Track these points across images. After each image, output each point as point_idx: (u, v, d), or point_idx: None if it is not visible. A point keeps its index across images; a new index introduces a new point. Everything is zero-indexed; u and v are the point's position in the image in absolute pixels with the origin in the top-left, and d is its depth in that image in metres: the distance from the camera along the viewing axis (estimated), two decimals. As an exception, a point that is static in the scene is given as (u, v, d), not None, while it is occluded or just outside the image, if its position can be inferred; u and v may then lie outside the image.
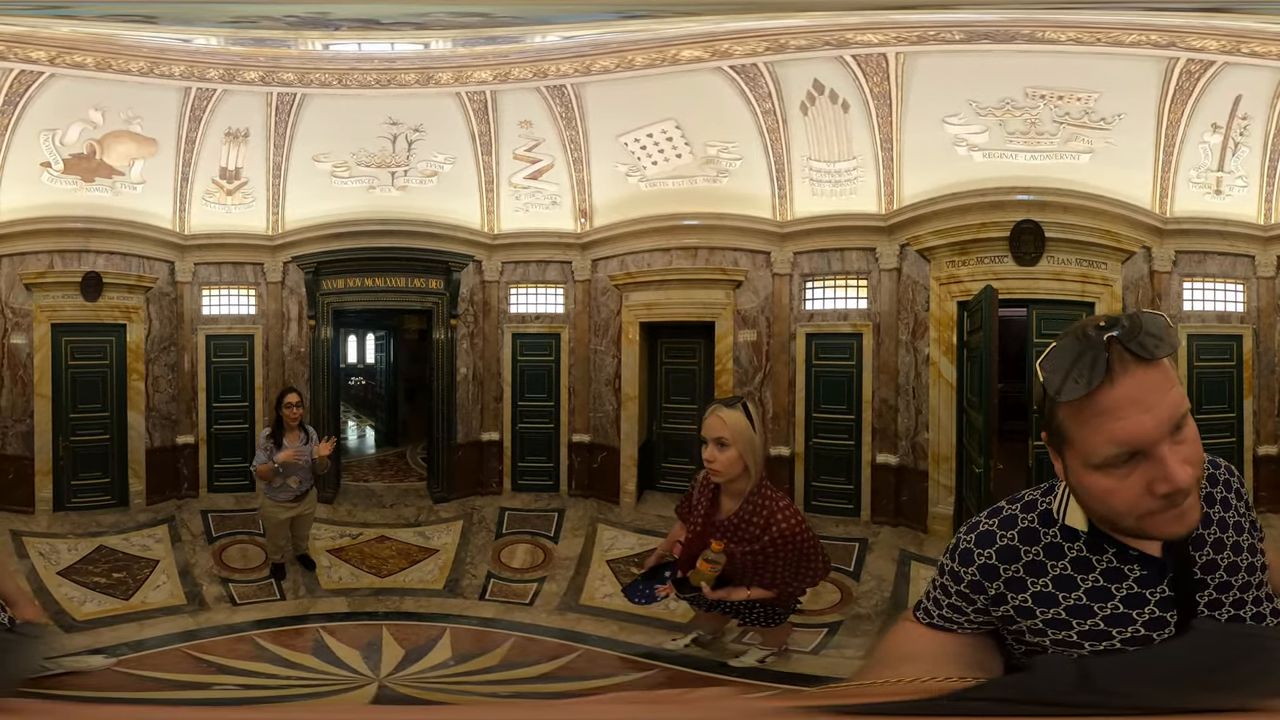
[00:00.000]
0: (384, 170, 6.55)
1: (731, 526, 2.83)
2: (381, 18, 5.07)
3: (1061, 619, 1.06)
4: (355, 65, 5.95)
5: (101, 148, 6.03)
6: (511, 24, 5.25)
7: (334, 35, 5.49)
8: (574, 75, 5.89)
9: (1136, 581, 1.05)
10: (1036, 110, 5.42)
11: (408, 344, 9.60)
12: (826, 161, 5.89)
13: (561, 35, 5.54)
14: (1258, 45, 5.04)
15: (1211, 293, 5.77)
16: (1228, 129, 5.44)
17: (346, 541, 5.71)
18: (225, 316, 6.67)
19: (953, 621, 1.16)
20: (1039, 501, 1.11)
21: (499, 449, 6.66)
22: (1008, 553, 1.09)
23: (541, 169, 6.48)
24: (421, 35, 5.55)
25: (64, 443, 6.05)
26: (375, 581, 5.19)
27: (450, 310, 6.62)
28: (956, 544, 1.15)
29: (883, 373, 5.81)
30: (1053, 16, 4.98)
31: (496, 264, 6.71)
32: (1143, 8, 4.91)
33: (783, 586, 2.88)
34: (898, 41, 5.33)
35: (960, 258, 5.52)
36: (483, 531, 5.93)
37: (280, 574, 5.08)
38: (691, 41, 5.52)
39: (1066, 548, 1.07)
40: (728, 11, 5.34)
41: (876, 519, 5.77)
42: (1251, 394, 5.67)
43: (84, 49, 5.55)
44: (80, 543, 5.52)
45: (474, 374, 6.70)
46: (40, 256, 6.06)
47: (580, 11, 5.05)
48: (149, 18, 5.05)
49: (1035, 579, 1.07)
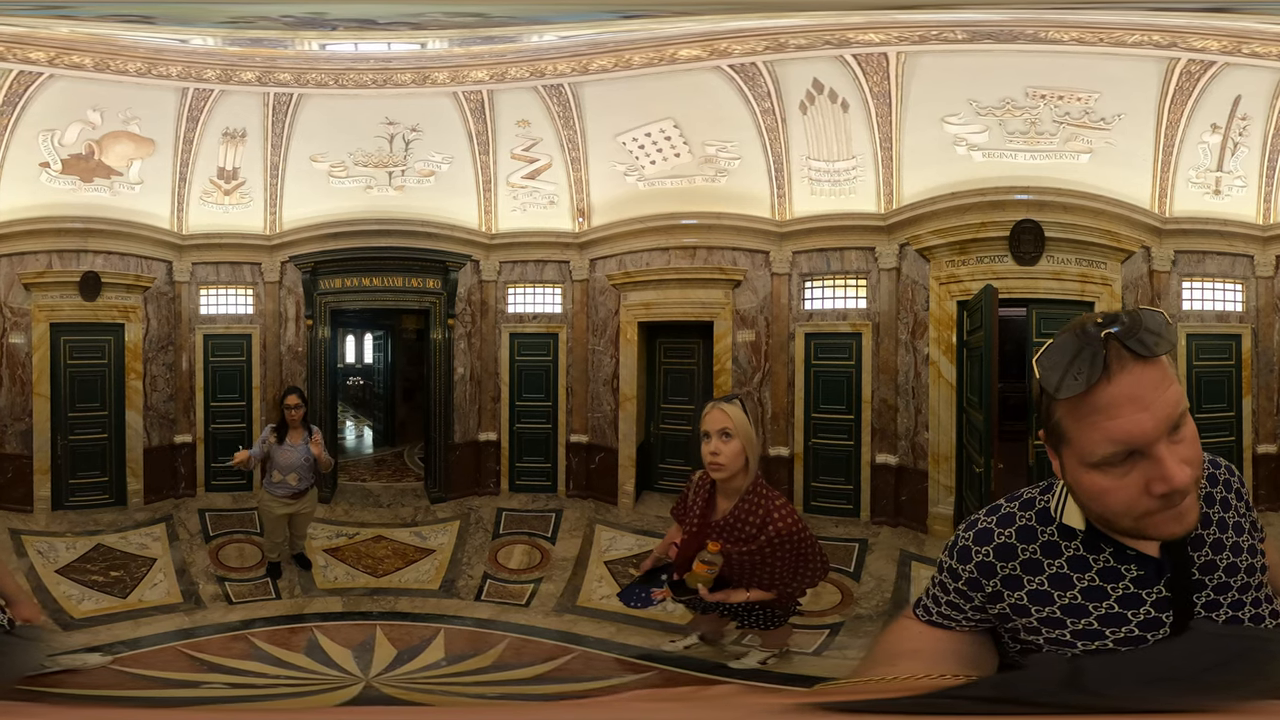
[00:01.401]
0: (381, 170, 6.55)
1: (728, 526, 2.79)
2: (378, 17, 5.08)
3: (1056, 617, 1.05)
4: (351, 65, 5.95)
5: (100, 148, 6.05)
6: (507, 24, 5.25)
7: (330, 35, 5.50)
8: (571, 75, 5.88)
9: (1133, 581, 1.04)
10: (1036, 110, 5.41)
11: (405, 344, 9.60)
12: (826, 161, 5.88)
13: (559, 35, 5.53)
14: (1259, 45, 5.05)
15: (1210, 292, 5.77)
16: (1227, 129, 5.44)
17: (343, 541, 5.70)
18: (223, 316, 6.68)
19: (950, 619, 1.16)
20: (1037, 499, 1.10)
21: (496, 449, 6.63)
22: (1005, 550, 1.09)
23: (539, 168, 6.47)
24: (418, 35, 5.55)
25: (62, 441, 6.04)
26: (370, 581, 5.17)
27: (448, 310, 6.60)
28: (955, 541, 1.15)
29: (882, 372, 5.79)
30: (1056, 16, 4.98)
31: (494, 264, 6.68)
32: (1146, 7, 4.92)
33: (782, 587, 2.85)
34: (899, 41, 5.33)
35: (960, 257, 5.51)
36: (480, 532, 5.91)
37: (276, 573, 5.08)
38: (690, 41, 5.51)
39: (1064, 546, 1.06)
40: (727, 11, 5.33)
41: (876, 519, 5.75)
42: (1250, 393, 5.68)
43: (82, 49, 5.57)
44: (79, 541, 5.52)
45: (471, 374, 6.68)
46: (39, 256, 6.08)
47: (576, 11, 5.05)
48: (146, 18, 5.07)
49: (1032, 577, 1.07)
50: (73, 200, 6.11)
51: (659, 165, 6.20)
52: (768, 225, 6.00)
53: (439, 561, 5.47)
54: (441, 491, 6.41)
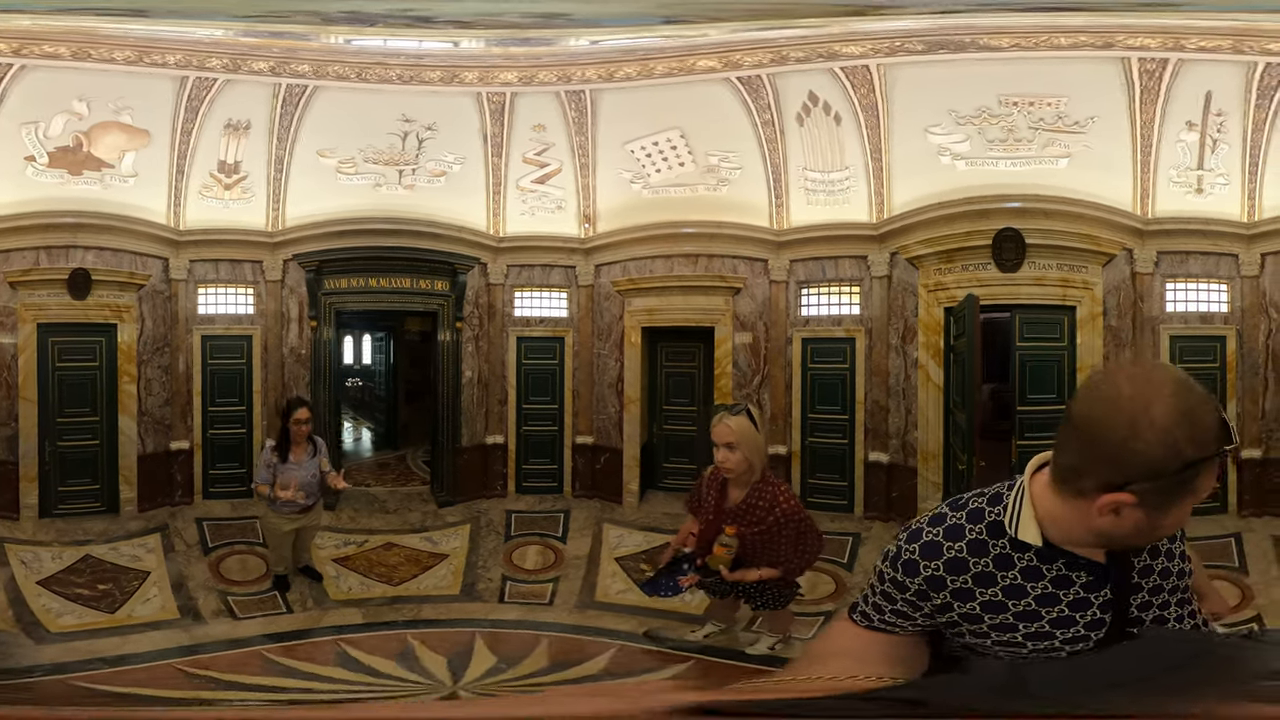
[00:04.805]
0: (391, 168, 6.43)
1: (740, 512, 3.20)
2: (467, 16, 4.94)
3: (1008, 623, 1.11)
4: (381, 60, 5.78)
5: (88, 140, 5.79)
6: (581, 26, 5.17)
7: (367, 31, 5.31)
8: (597, 81, 5.93)
9: (1083, 587, 1.10)
10: (1011, 117, 5.49)
11: (407, 345, 9.43)
12: (821, 171, 6.04)
13: (590, 40, 5.52)
14: (1204, 40, 5.04)
15: (1194, 293, 5.71)
16: (1203, 126, 5.39)
17: (352, 549, 5.57)
18: (222, 316, 6.41)
19: (895, 626, 1.19)
20: (985, 511, 1.13)
21: (503, 452, 6.65)
22: (955, 564, 1.11)
23: (549, 173, 6.49)
24: (467, 33, 5.42)
25: (50, 448, 5.76)
26: (388, 590, 5.06)
27: (456, 313, 6.56)
28: (898, 554, 1.15)
29: (874, 375, 6.00)
30: (987, 21, 5.02)
31: (501, 267, 6.69)
32: (1052, 9, 4.92)
33: (786, 563, 3.25)
34: (874, 54, 5.44)
35: (946, 265, 5.66)
36: (491, 535, 5.93)
37: (284, 585, 4.91)
38: (709, 51, 5.61)
39: (1016, 558, 1.10)
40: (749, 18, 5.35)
41: (869, 514, 5.95)
42: (1235, 396, 5.57)
43: (54, 39, 5.31)
44: (65, 551, 5.26)
45: (479, 377, 6.68)
46: (25, 253, 5.76)
47: (628, 15, 5.01)
48: (172, 12, 4.91)
49: (984, 589, 1.11)
50: (61, 194, 5.82)
51: (664, 173, 6.31)
52: (766, 234, 6.18)
53: (454, 566, 5.43)
54: (449, 495, 6.40)
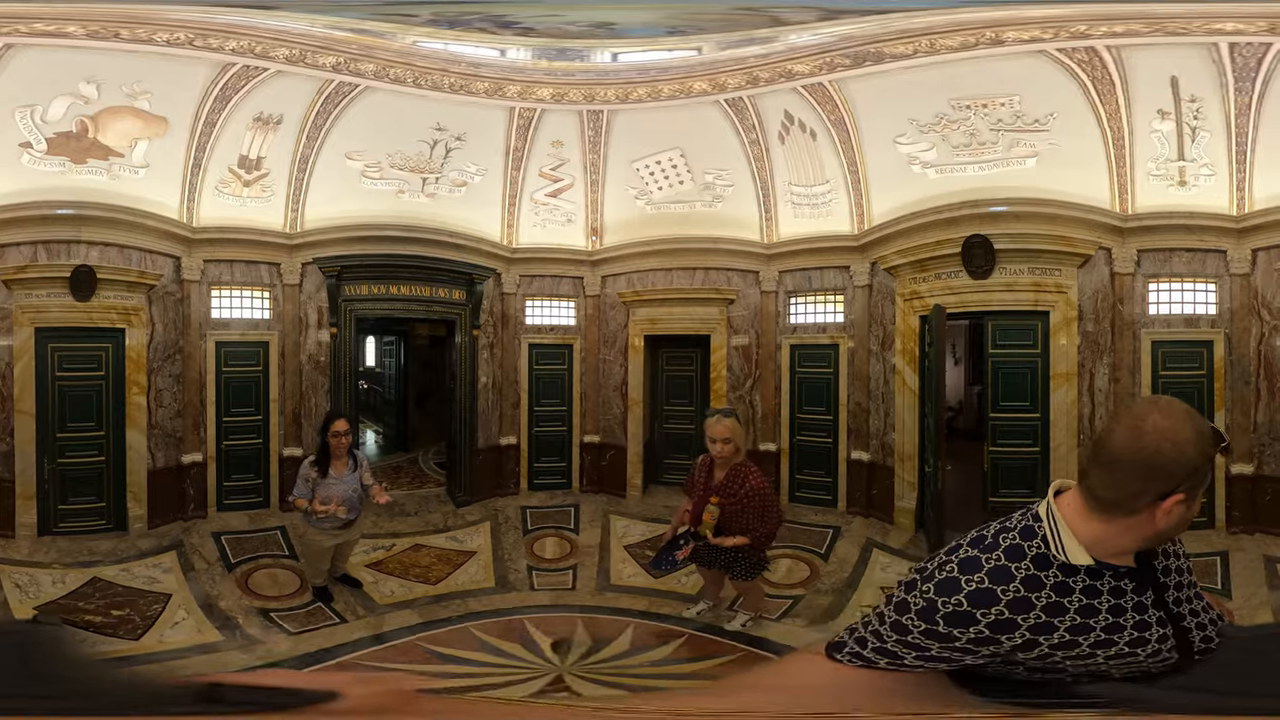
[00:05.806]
0: (416, 175, 6.37)
1: (721, 487, 4.06)
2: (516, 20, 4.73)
3: (1088, 652, 1.11)
4: (443, 66, 5.58)
5: (95, 125, 5.21)
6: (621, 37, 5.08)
7: (446, 34, 5.10)
8: (614, 102, 6.07)
9: (1133, 592, 1.12)
10: (970, 121, 5.35)
11: (418, 349, 9.43)
12: (804, 186, 6.34)
13: (610, 54, 5.59)
14: (1105, 26, 4.69)
15: (1179, 294, 5.29)
16: (1178, 114, 5.02)
17: (382, 554, 5.48)
18: (238, 321, 6.04)
19: (916, 668, 1.14)
20: (1024, 547, 1.11)
21: (516, 452, 6.98)
22: (1018, 604, 1.08)
23: (562, 187, 6.73)
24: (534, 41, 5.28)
25: (50, 466, 5.16)
26: (429, 590, 5.03)
27: (473, 321, 6.70)
28: (930, 608, 1.09)
29: (856, 379, 6.35)
30: (904, 25, 4.87)
31: (514, 276, 6.96)
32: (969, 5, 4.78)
33: (754, 531, 4.03)
34: (821, 70, 5.38)
35: (920, 274, 5.78)
36: (511, 530, 6.17)
37: (326, 596, 4.68)
38: (703, 73, 5.80)
39: (1070, 582, 1.10)
40: None
41: (851, 509, 6.26)
42: (1224, 406, 5.17)
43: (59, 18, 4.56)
44: (69, 574, 4.69)
45: (494, 382, 6.96)
46: (21, 249, 5.13)
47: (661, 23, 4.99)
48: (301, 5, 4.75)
49: (1059, 618, 1.09)
50: (62, 184, 5.22)
51: (665, 190, 6.66)
52: (757, 248, 6.60)
53: (483, 561, 5.57)
54: (466, 495, 6.62)
